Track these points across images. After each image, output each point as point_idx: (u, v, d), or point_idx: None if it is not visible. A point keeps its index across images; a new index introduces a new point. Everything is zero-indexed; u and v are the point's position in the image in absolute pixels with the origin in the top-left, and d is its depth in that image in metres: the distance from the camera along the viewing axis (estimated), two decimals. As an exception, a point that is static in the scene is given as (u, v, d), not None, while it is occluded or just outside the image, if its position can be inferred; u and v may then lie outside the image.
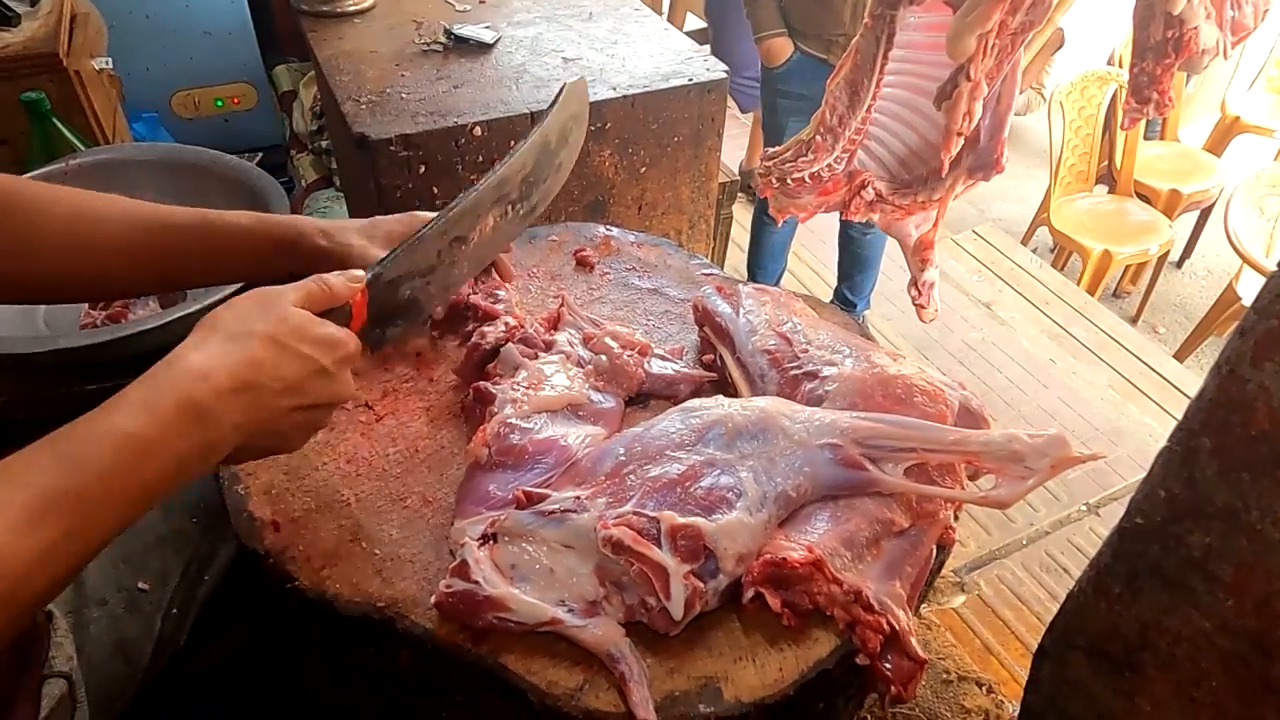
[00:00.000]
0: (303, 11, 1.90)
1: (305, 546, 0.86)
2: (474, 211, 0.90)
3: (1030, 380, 2.76)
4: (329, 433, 0.98)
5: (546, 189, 1.01)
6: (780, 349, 1.02)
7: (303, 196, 2.75)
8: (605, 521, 0.78)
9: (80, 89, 1.75)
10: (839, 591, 0.78)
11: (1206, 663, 0.70)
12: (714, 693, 0.76)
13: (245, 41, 2.86)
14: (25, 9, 1.79)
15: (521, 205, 0.97)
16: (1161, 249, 3.38)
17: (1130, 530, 0.74)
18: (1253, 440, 0.62)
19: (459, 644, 0.78)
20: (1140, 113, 1.11)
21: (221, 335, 0.67)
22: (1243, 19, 1.05)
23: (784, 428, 0.87)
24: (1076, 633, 0.83)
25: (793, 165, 1.22)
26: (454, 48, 1.77)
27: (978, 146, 1.15)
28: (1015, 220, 4.08)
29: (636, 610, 0.78)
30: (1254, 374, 0.60)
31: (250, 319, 0.69)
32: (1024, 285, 3.14)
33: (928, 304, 1.35)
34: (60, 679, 0.77)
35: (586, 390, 0.98)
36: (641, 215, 1.83)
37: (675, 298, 1.22)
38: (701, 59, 1.76)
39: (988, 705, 1.42)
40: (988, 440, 0.83)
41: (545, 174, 1.00)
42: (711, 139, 1.79)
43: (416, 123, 1.51)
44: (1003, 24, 1.00)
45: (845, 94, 1.19)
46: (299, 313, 0.71)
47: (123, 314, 1.34)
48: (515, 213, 0.97)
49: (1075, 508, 2.29)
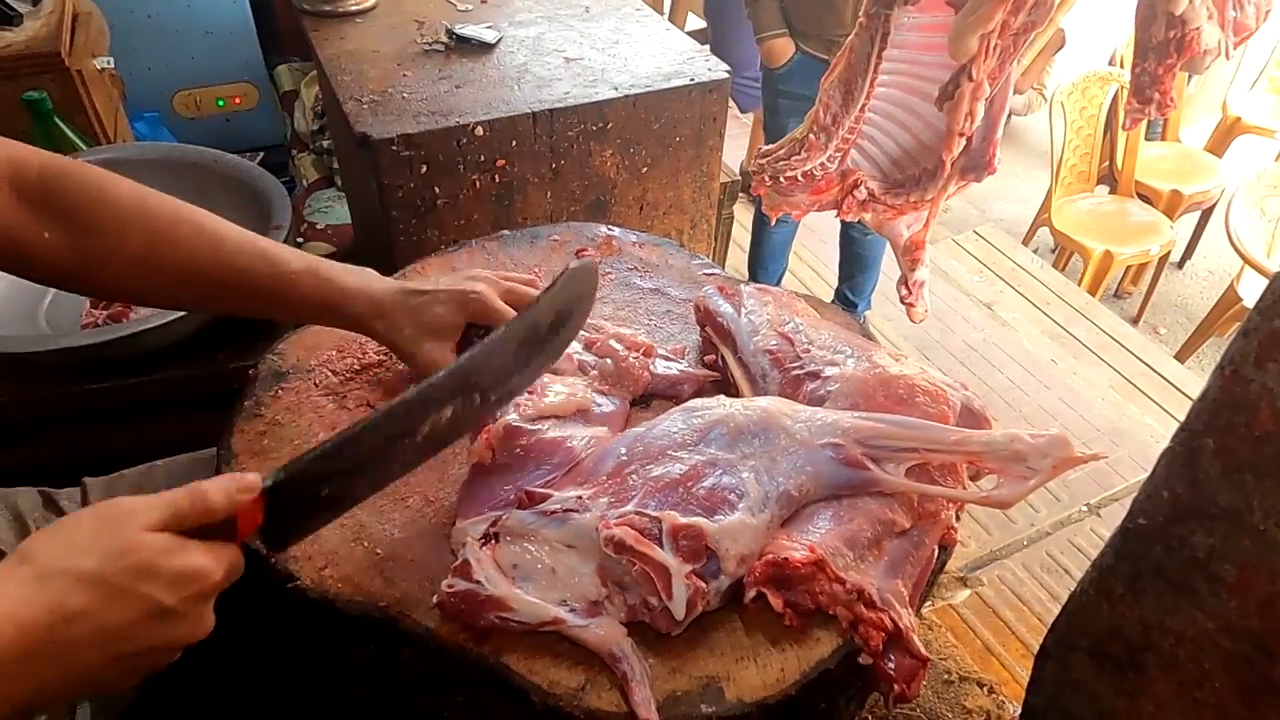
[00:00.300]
0: (304, 11, 1.90)
1: (307, 546, 0.86)
2: (426, 405, 0.74)
3: (1031, 381, 2.76)
4: (329, 433, 0.98)
5: (530, 374, 0.87)
6: (782, 349, 1.02)
7: (304, 196, 2.75)
8: (607, 521, 0.78)
9: (82, 88, 1.76)
10: (841, 591, 0.78)
11: (1209, 663, 0.70)
12: (716, 692, 0.76)
13: (247, 41, 2.85)
14: (27, 8, 1.79)
15: (493, 393, 0.81)
16: (1163, 249, 3.37)
17: (1133, 531, 0.74)
18: (1256, 441, 0.62)
19: (461, 644, 0.78)
20: (1142, 113, 1.11)
21: (31, 571, 0.55)
22: (1245, 19, 1.05)
23: (786, 427, 0.87)
24: (1079, 633, 0.83)
25: (786, 163, 1.22)
26: (456, 47, 1.77)
27: (971, 148, 1.15)
28: (1016, 221, 4.07)
29: (638, 610, 0.78)
30: (1258, 374, 0.60)
31: (78, 552, 0.56)
32: (1025, 286, 3.14)
33: (917, 303, 1.35)
34: None
35: (591, 395, 0.98)
36: (643, 215, 1.83)
37: (677, 298, 1.22)
38: (703, 59, 1.76)
39: (989, 705, 1.41)
40: (989, 440, 0.83)
41: (528, 364, 0.85)
42: (713, 139, 1.79)
43: (418, 122, 1.51)
44: (1005, 24, 1.00)
45: (839, 93, 1.19)
46: (150, 541, 0.57)
47: (124, 314, 1.34)
48: (484, 400, 0.80)
49: (1076, 508, 2.29)
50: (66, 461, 1.15)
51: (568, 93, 1.61)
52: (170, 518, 0.59)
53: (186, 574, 0.58)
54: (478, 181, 1.59)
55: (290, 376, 1.04)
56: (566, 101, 1.59)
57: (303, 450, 0.75)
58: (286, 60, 3.13)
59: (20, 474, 1.06)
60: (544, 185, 1.66)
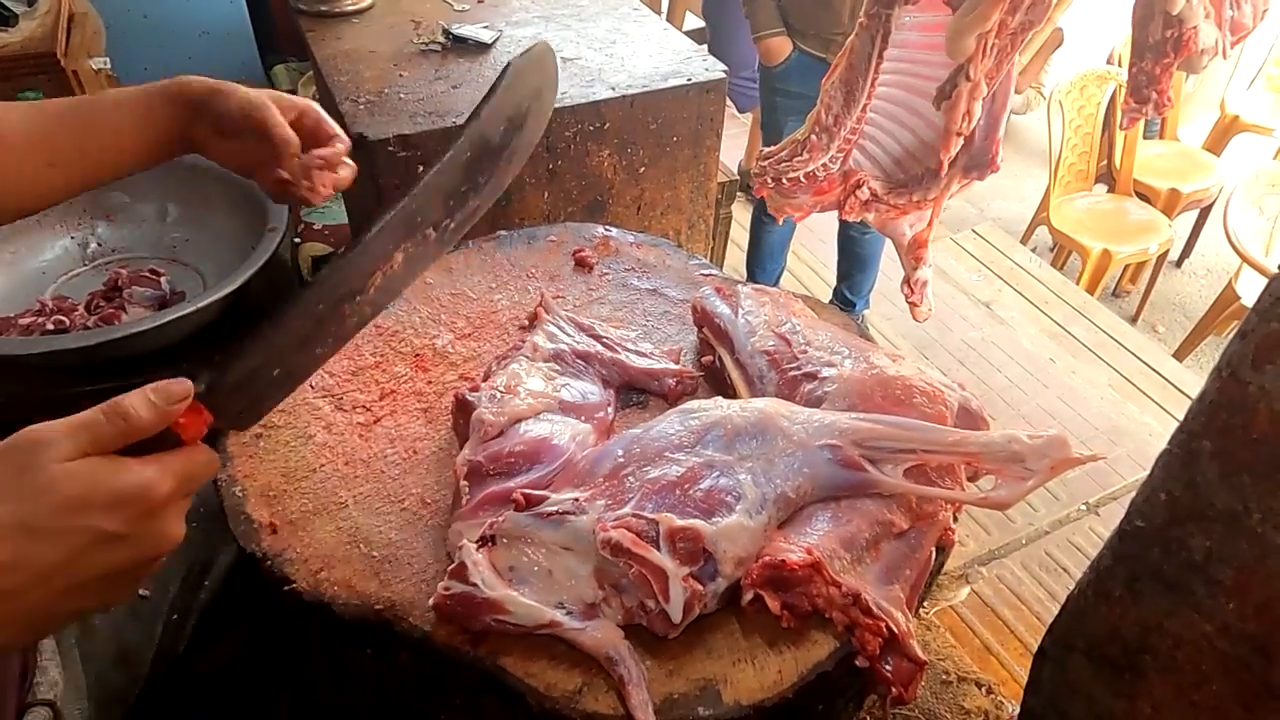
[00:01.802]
0: (301, 11, 1.90)
1: (303, 549, 0.86)
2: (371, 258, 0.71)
3: (1030, 380, 2.76)
4: (328, 434, 0.98)
5: (492, 188, 0.80)
6: (779, 350, 1.01)
7: (301, 196, 2.74)
8: (604, 524, 0.78)
9: (78, 88, 1.75)
10: (838, 594, 0.78)
11: (1207, 666, 0.70)
12: (713, 695, 0.76)
13: (243, 41, 2.85)
14: (23, 9, 1.78)
15: (450, 221, 0.77)
16: (1161, 248, 3.37)
17: (1131, 533, 0.74)
18: (1254, 443, 0.61)
19: (457, 646, 0.78)
20: (1139, 112, 1.11)
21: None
22: (1242, 18, 1.04)
23: (783, 429, 0.86)
24: (1077, 635, 0.83)
25: (788, 165, 1.22)
26: (452, 48, 1.76)
27: (973, 146, 1.15)
28: (1015, 219, 4.07)
29: (635, 613, 0.78)
30: (1255, 377, 0.60)
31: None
32: (1024, 284, 3.14)
33: (921, 302, 1.35)
34: (44, 707, 0.75)
35: (560, 391, 0.98)
36: (640, 215, 1.82)
37: (674, 298, 1.21)
38: (701, 59, 1.75)
39: (987, 706, 1.42)
40: (987, 441, 0.83)
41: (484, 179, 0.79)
42: (710, 139, 1.79)
43: (415, 123, 1.51)
44: (1002, 24, 1.00)
45: (840, 93, 1.19)
46: (70, 471, 0.53)
47: (116, 315, 1.34)
48: (441, 232, 0.76)
49: (1075, 507, 2.29)
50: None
51: (565, 93, 1.61)
52: (89, 442, 0.54)
53: (122, 496, 0.54)
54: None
55: (286, 378, 1.04)
56: (564, 101, 1.58)
57: (294, 446, 0.73)
58: (283, 60, 3.12)
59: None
60: (541, 185, 1.66)
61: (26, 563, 0.52)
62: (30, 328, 1.30)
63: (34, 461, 0.53)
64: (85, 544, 0.53)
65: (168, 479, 0.56)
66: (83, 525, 0.53)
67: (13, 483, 0.52)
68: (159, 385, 0.58)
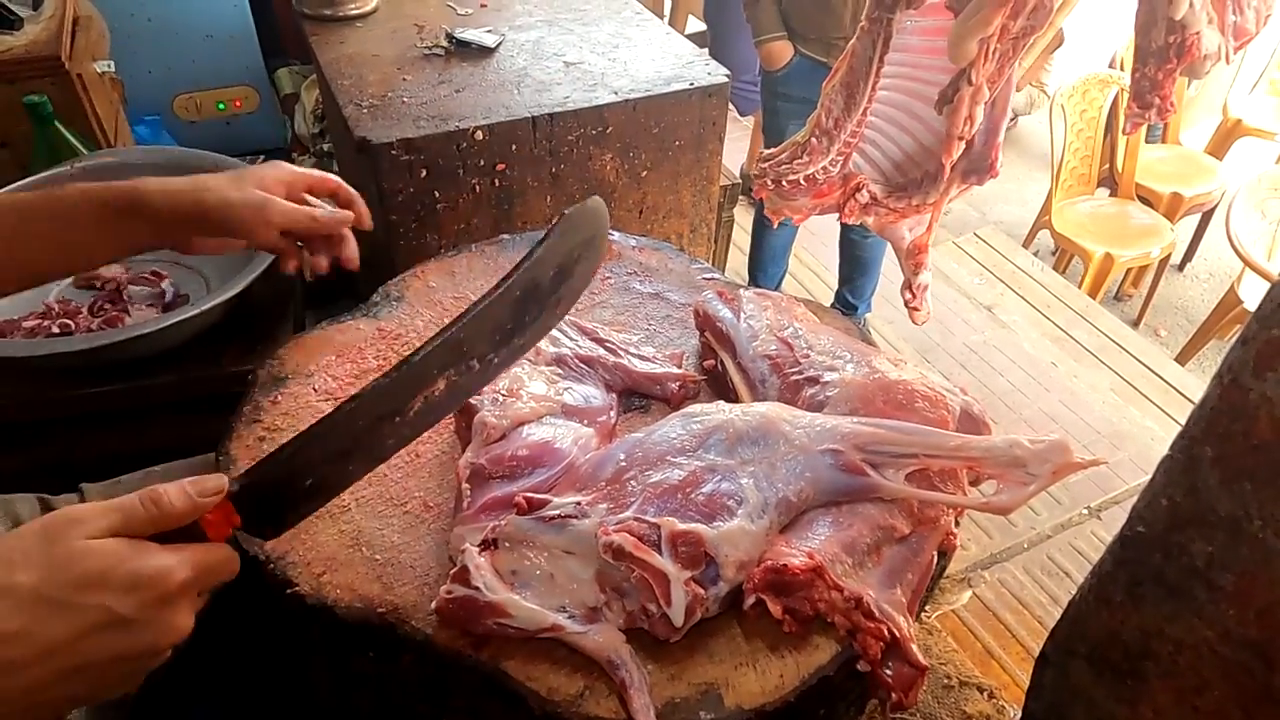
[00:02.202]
0: (305, 15, 1.90)
1: (305, 551, 0.86)
2: (415, 381, 0.71)
3: (1032, 383, 2.76)
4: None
5: (537, 329, 0.81)
6: (781, 354, 1.02)
7: (304, 199, 2.75)
8: (606, 527, 0.78)
9: (82, 92, 1.75)
10: (840, 598, 0.78)
11: (1208, 671, 0.70)
12: (715, 699, 0.76)
13: (247, 44, 2.85)
14: (27, 12, 1.79)
15: (495, 356, 0.77)
16: (1163, 252, 3.37)
17: (1132, 538, 0.74)
18: (1255, 450, 0.61)
19: (459, 650, 0.78)
20: (1142, 118, 1.11)
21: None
22: (1244, 24, 1.05)
23: (785, 433, 0.87)
24: (1078, 640, 0.83)
25: (788, 167, 1.22)
26: (455, 51, 1.77)
27: (972, 151, 1.15)
28: (1017, 223, 4.07)
29: (637, 616, 0.78)
30: (1256, 383, 0.60)
31: (15, 568, 0.53)
32: (1025, 288, 3.14)
33: (921, 306, 1.35)
34: None
35: (563, 395, 0.98)
36: (642, 219, 1.83)
37: (676, 302, 1.22)
38: (703, 63, 1.76)
39: (989, 710, 1.41)
40: (989, 446, 0.83)
41: (530, 319, 0.79)
42: (713, 143, 1.79)
43: (418, 126, 1.51)
44: (1004, 28, 1.00)
45: (841, 97, 1.19)
46: (95, 549, 0.54)
47: (119, 318, 1.34)
48: (485, 365, 0.76)
49: (1077, 511, 2.29)
50: (64, 466, 1.15)
51: (567, 97, 1.61)
52: (120, 524, 0.56)
53: (139, 579, 0.54)
54: (477, 186, 1.58)
55: (289, 382, 1.04)
56: (566, 106, 1.59)
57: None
58: (287, 63, 3.13)
59: (18, 478, 1.06)
60: (544, 189, 1.66)
61: (34, 635, 0.52)
62: (35, 330, 1.31)
63: (65, 534, 0.54)
64: (94, 623, 0.53)
65: (186, 568, 0.57)
66: (96, 603, 0.53)
67: (42, 554, 0.53)
68: (198, 479, 0.60)
